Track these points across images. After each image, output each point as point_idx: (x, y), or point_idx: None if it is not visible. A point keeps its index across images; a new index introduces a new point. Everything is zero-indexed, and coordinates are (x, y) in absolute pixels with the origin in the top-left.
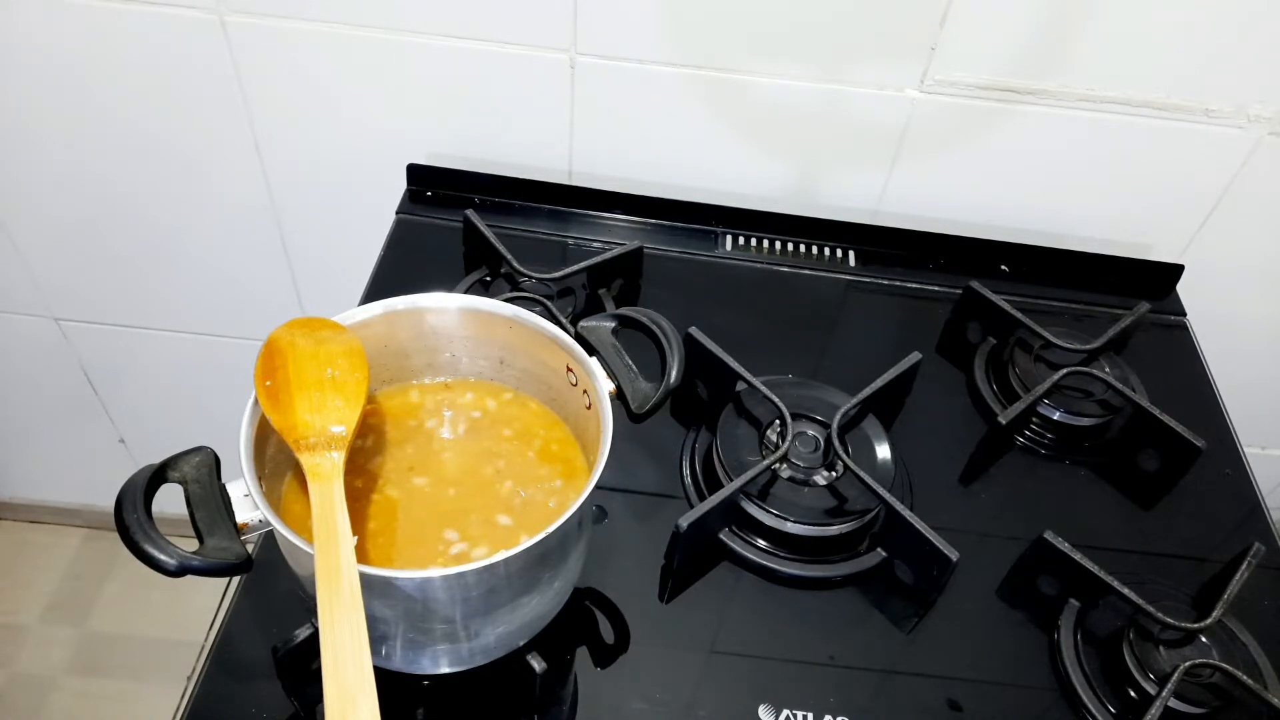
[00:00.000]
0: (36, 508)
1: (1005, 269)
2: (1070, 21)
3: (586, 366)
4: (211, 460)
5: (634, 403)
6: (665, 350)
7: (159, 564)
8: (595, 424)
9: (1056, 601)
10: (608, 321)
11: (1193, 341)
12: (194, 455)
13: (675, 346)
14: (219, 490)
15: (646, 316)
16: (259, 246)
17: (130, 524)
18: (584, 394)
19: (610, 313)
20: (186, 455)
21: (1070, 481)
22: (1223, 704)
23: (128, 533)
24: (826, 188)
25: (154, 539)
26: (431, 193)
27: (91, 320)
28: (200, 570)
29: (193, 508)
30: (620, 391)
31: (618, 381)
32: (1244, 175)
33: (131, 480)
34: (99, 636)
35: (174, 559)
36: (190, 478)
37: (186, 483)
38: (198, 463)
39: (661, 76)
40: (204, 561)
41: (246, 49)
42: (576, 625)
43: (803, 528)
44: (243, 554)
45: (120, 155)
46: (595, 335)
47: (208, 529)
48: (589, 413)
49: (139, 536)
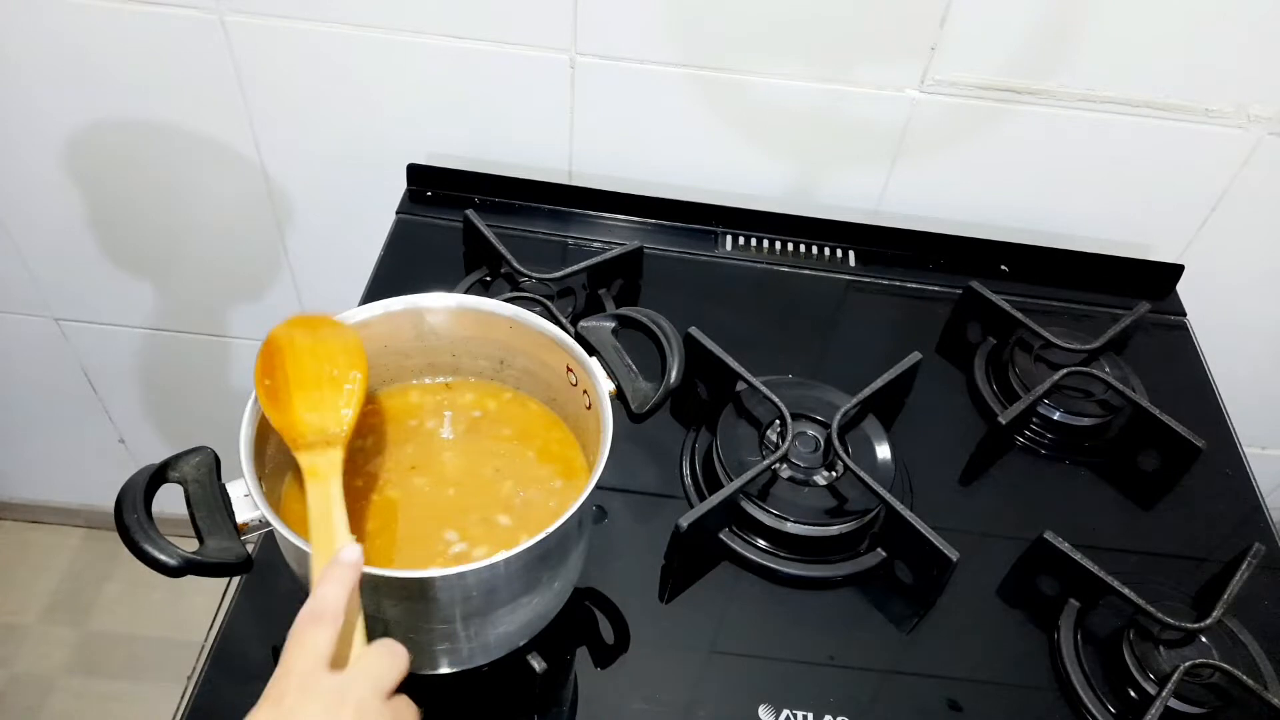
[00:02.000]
0: (36, 508)
1: (1005, 269)
2: (1070, 22)
3: (586, 367)
4: (211, 460)
5: (634, 403)
6: (665, 350)
7: (160, 564)
8: (595, 424)
9: (1056, 601)
10: (608, 322)
11: (1193, 341)
12: (194, 455)
13: (675, 347)
14: (219, 490)
15: (646, 316)
16: (259, 246)
17: (130, 524)
18: (584, 394)
19: (610, 313)
20: (186, 455)
21: (1070, 481)
22: (1223, 704)
23: (128, 533)
24: (826, 188)
25: (154, 539)
26: (431, 192)
27: (91, 320)
28: (201, 570)
29: (193, 508)
30: (620, 391)
31: (618, 381)
32: (1244, 175)
33: (131, 480)
34: (99, 637)
35: (174, 559)
36: (190, 478)
37: (186, 483)
38: (198, 463)
39: (661, 76)
40: (204, 561)
41: (246, 49)
42: (577, 625)
43: (803, 528)
44: (243, 554)
45: (120, 155)
46: (595, 335)
47: (208, 529)
48: (589, 413)
49: (139, 536)
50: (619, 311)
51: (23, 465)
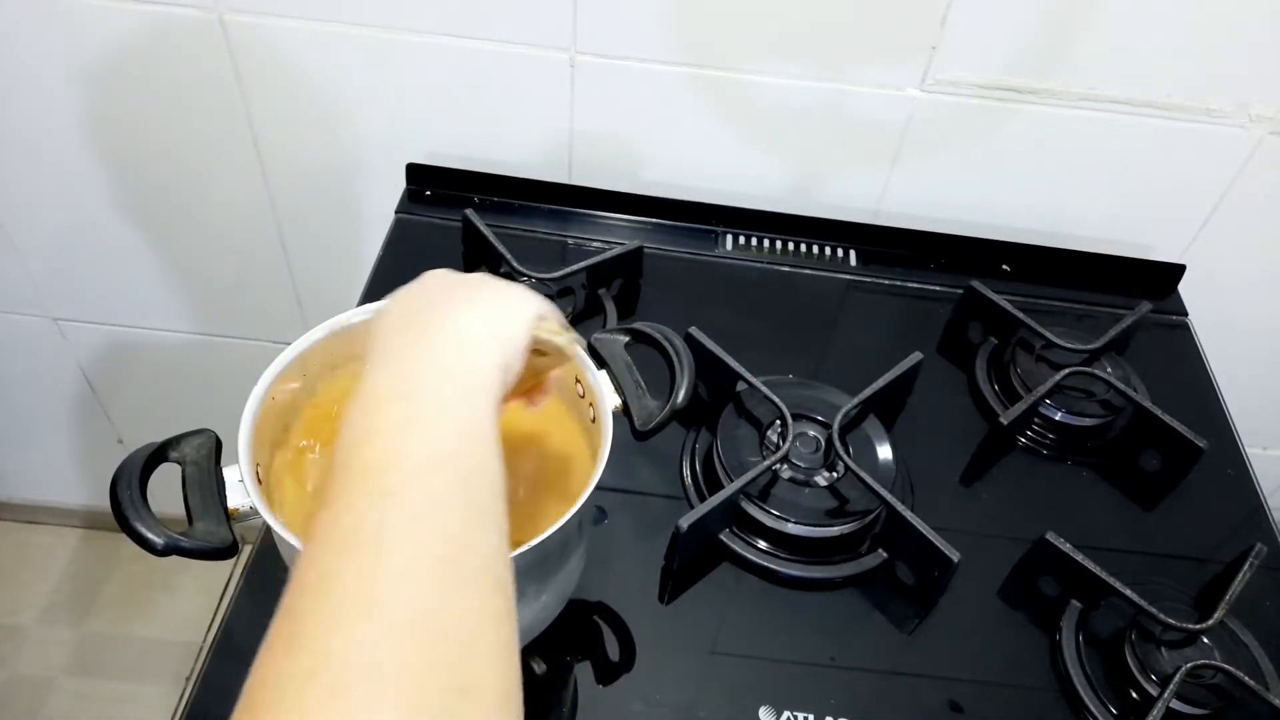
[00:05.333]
0: (35, 508)
1: (1007, 269)
2: (1072, 21)
3: (594, 381)
4: (212, 443)
5: (638, 420)
6: (675, 369)
7: (146, 542)
8: (598, 438)
9: (1058, 602)
10: (621, 335)
11: (1194, 341)
12: (196, 437)
13: (686, 366)
14: (215, 474)
15: (660, 333)
16: (258, 246)
17: (123, 499)
18: (589, 407)
19: (624, 326)
20: (189, 436)
21: (1072, 482)
22: (1224, 705)
23: (119, 508)
24: (827, 187)
25: (144, 516)
26: (431, 192)
27: (91, 320)
28: (186, 551)
29: (187, 489)
30: (626, 407)
31: (624, 397)
32: (1246, 175)
33: (131, 456)
34: (98, 637)
35: (161, 538)
36: (189, 459)
37: (185, 463)
38: (199, 444)
39: (662, 76)
40: (190, 543)
41: (245, 48)
42: (576, 627)
43: (803, 528)
44: (228, 539)
45: (119, 154)
46: (608, 349)
47: (199, 511)
48: (594, 426)
49: (129, 512)
50: (634, 326)
51: (21, 465)
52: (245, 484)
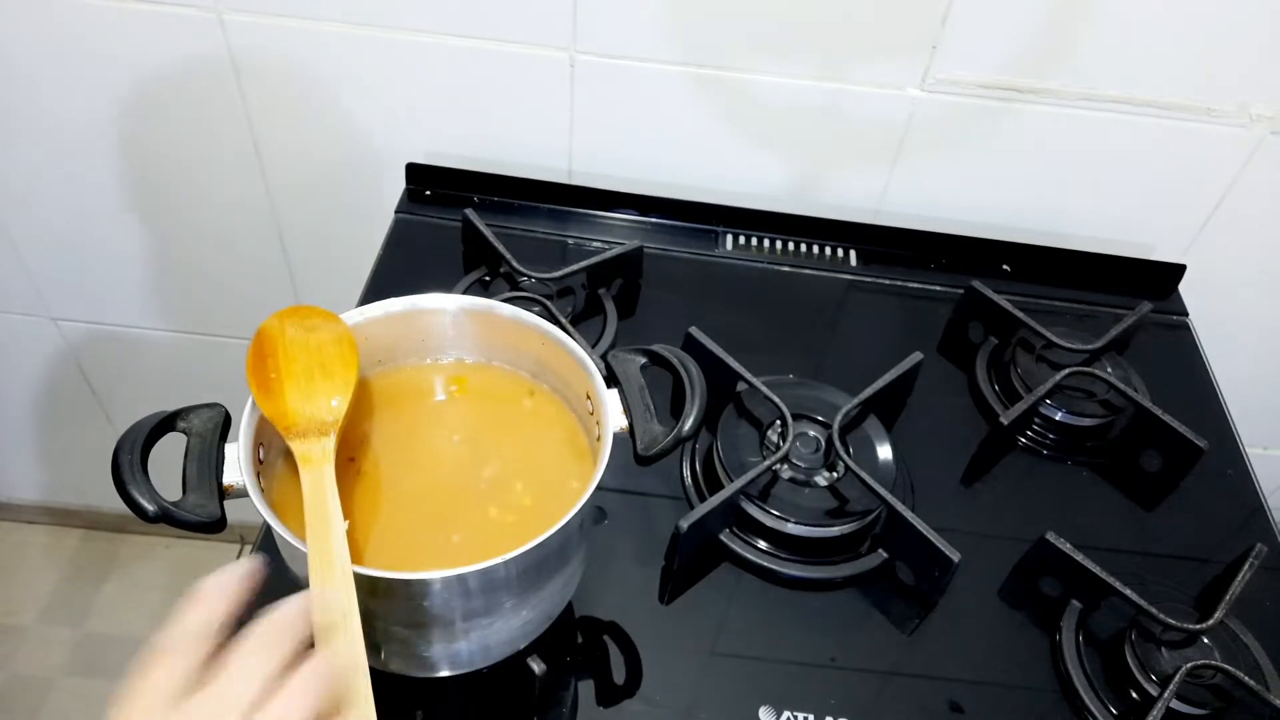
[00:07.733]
0: (35, 508)
1: (1007, 269)
2: (1072, 20)
3: (603, 398)
4: (220, 418)
5: (641, 444)
6: (687, 395)
7: (138, 507)
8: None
9: (1058, 602)
10: (639, 356)
11: (1195, 341)
12: (206, 410)
13: (699, 395)
14: (217, 448)
15: (677, 359)
16: (257, 246)
17: (122, 463)
18: (596, 424)
19: (642, 348)
20: (199, 408)
21: (1072, 482)
22: (1225, 705)
23: (118, 471)
24: (827, 187)
25: (139, 482)
26: (431, 192)
27: (90, 320)
28: (175, 521)
29: (187, 459)
30: (631, 429)
31: (631, 419)
32: (1246, 175)
33: (139, 422)
34: (97, 637)
35: (153, 505)
36: (195, 430)
37: (190, 434)
38: (208, 417)
39: (662, 75)
40: (179, 513)
41: (245, 47)
42: (577, 627)
43: (804, 529)
44: (216, 514)
45: (118, 154)
46: (624, 368)
47: (193, 483)
48: (598, 444)
49: (126, 477)
50: (652, 348)
51: (21, 465)
52: (240, 462)
